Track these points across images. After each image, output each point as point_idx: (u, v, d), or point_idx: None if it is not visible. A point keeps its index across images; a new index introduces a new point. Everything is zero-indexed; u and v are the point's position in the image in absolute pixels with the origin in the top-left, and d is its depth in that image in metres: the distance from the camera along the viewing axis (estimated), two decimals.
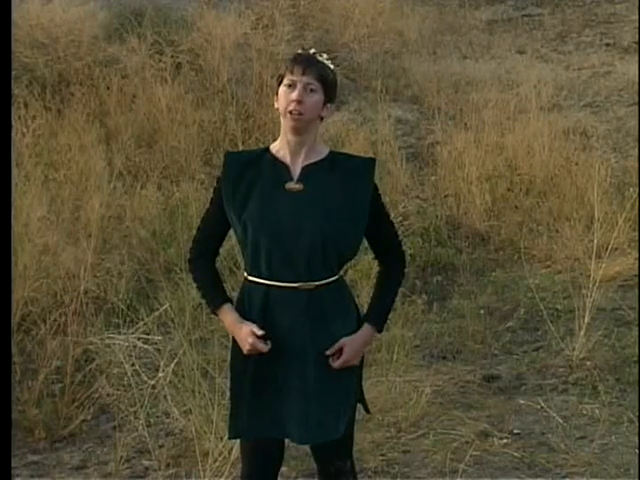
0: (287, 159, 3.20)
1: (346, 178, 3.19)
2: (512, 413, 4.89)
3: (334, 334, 3.20)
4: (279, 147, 3.23)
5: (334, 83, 3.22)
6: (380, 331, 3.31)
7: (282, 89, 3.16)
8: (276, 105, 3.21)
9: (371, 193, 3.21)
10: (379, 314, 3.30)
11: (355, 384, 3.29)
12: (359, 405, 3.36)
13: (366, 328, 3.25)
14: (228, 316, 3.24)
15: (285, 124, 3.18)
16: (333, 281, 3.21)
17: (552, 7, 12.52)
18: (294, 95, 3.12)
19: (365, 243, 3.28)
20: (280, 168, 3.19)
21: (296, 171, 3.19)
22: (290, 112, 3.12)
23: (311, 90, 3.13)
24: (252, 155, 3.28)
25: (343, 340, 3.19)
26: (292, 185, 3.17)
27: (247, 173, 3.20)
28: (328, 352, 3.18)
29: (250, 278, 3.22)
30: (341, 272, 3.26)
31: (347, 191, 3.17)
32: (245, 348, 3.17)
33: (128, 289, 5.93)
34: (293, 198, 3.15)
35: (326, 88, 3.17)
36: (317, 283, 3.17)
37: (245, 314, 3.23)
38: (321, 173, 3.18)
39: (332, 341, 3.19)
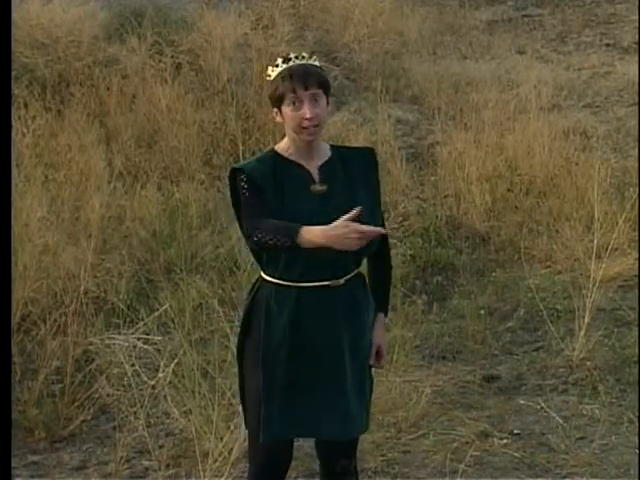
0: (302, 161, 3.22)
1: (359, 172, 3.27)
2: (512, 413, 4.89)
3: (365, 324, 3.31)
4: (290, 151, 3.23)
5: (327, 78, 3.25)
6: (387, 315, 3.46)
7: (287, 109, 3.15)
8: (278, 119, 3.21)
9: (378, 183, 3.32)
10: (385, 300, 3.43)
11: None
12: None
13: (380, 317, 3.40)
14: (313, 231, 3.04)
15: (299, 138, 3.19)
16: (357, 274, 3.29)
17: (552, 7, 12.51)
18: (306, 113, 3.13)
19: None
20: (300, 171, 3.21)
21: (315, 172, 3.23)
22: (305, 128, 3.14)
23: (316, 99, 3.15)
24: (268, 161, 3.25)
25: (377, 341, 3.36)
26: (317, 187, 3.21)
27: (275, 180, 3.20)
28: (372, 361, 3.34)
29: (277, 281, 3.22)
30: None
31: (364, 185, 3.25)
32: (354, 243, 3.01)
33: (128, 289, 5.93)
34: (322, 201, 3.20)
35: (326, 89, 3.21)
36: (345, 278, 3.23)
37: (274, 317, 3.23)
38: (336, 171, 3.24)
39: (364, 334, 3.30)
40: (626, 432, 4.66)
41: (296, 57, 3.18)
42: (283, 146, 3.25)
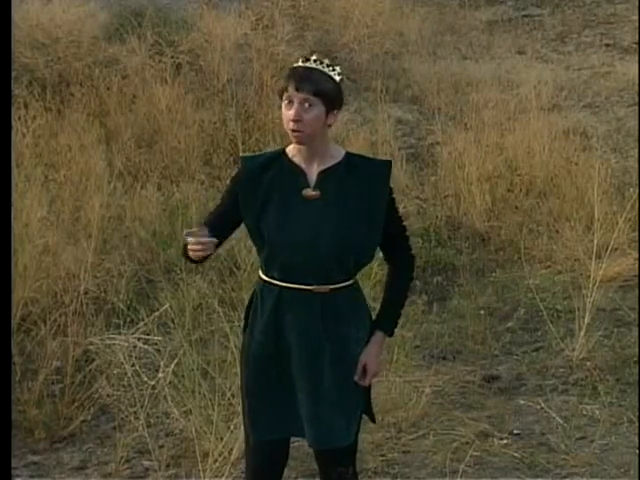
0: (302, 164, 3.19)
1: (363, 182, 3.17)
2: (512, 413, 4.89)
3: (347, 337, 3.21)
4: (294, 152, 3.21)
5: (335, 91, 3.14)
6: (391, 335, 3.33)
7: (283, 105, 3.14)
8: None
9: (387, 197, 3.20)
10: (390, 319, 3.31)
11: (363, 391, 3.30)
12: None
13: (378, 335, 3.27)
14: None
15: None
16: (348, 285, 3.22)
17: (552, 7, 12.51)
18: (291, 114, 3.09)
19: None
20: (296, 174, 3.17)
21: (312, 177, 3.18)
22: (291, 130, 3.11)
23: (309, 105, 3.08)
24: (268, 159, 3.24)
25: (363, 359, 3.23)
26: (309, 192, 3.16)
27: (264, 178, 3.18)
28: (356, 378, 3.21)
29: (265, 278, 3.22)
30: (356, 276, 3.25)
31: (364, 196, 3.16)
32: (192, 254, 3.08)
33: (128, 289, 5.93)
34: (310, 205, 3.15)
35: (325, 99, 3.10)
36: (332, 286, 3.17)
37: (256, 313, 3.23)
38: (337, 178, 3.17)
39: (345, 344, 3.20)
40: (626, 432, 4.66)
41: (315, 60, 3.13)
42: (291, 147, 3.23)
